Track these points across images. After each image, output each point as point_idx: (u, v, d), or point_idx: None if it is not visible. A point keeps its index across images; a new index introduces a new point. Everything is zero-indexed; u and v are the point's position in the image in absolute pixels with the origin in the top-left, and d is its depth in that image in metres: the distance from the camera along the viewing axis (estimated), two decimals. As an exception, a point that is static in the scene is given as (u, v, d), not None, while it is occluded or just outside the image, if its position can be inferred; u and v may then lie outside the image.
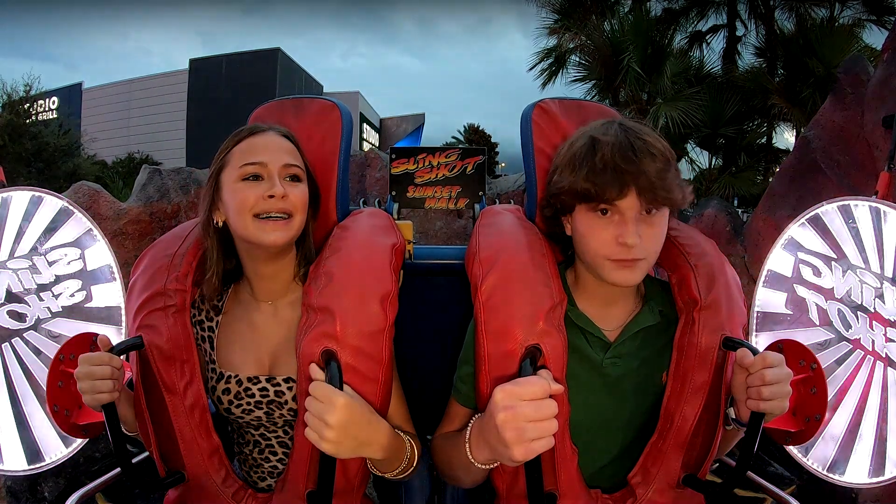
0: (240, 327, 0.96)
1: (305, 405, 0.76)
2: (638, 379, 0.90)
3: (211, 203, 0.91)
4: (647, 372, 0.90)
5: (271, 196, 0.85)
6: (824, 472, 1.28)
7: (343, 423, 0.74)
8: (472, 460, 0.77)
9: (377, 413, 0.82)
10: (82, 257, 1.36)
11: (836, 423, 1.28)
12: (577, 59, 8.80)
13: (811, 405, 1.00)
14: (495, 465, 0.80)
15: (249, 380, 0.92)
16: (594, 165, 0.80)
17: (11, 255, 1.33)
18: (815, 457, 1.29)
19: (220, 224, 0.91)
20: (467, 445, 0.78)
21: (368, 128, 31.79)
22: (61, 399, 0.97)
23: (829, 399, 0.93)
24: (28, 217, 1.34)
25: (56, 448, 1.29)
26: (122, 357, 0.86)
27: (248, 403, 0.92)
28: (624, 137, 0.81)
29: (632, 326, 0.90)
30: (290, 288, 0.96)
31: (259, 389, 0.91)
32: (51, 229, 1.35)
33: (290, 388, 0.91)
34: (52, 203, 1.36)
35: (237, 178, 0.87)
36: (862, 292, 1.31)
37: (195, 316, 0.96)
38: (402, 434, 0.88)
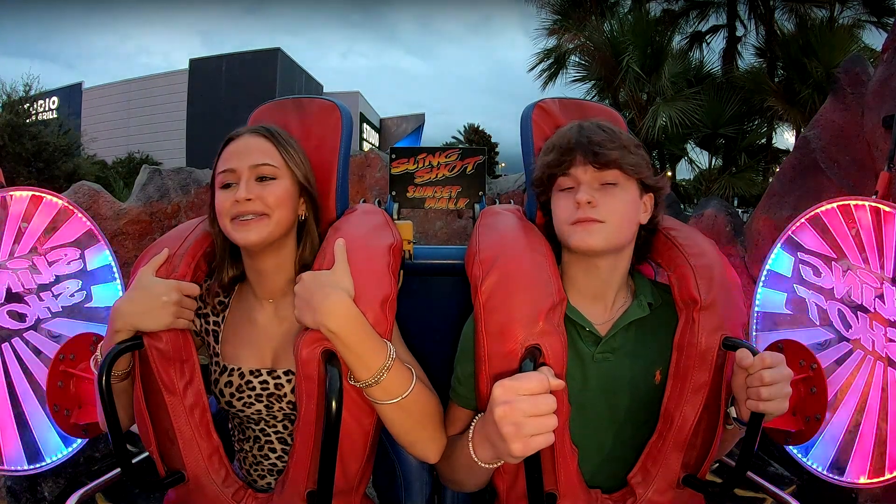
0: (242, 324, 0.97)
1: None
2: (630, 375, 0.90)
3: (211, 209, 0.95)
4: (639, 369, 0.90)
5: (238, 201, 0.89)
6: (824, 472, 1.28)
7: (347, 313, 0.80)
8: (476, 459, 0.77)
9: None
10: (82, 257, 1.37)
11: (836, 423, 1.28)
12: (577, 60, 8.80)
13: (811, 405, 1.00)
14: (499, 464, 0.80)
15: (251, 372, 0.93)
16: (555, 146, 0.92)
17: (11, 255, 1.33)
18: (815, 457, 1.30)
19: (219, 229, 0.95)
20: (470, 444, 0.78)
21: (368, 128, 31.78)
22: (61, 399, 0.97)
23: (829, 399, 0.93)
24: (28, 217, 1.34)
25: (56, 448, 1.29)
26: (125, 353, 0.86)
27: (249, 396, 0.93)
28: (580, 124, 0.92)
29: (622, 320, 0.91)
30: (291, 288, 0.96)
31: (260, 382, 0.93)
32: (51, 229, 1.35)
33: (289, 381, 0.92)
34: (52, 203, 1.36)
35: (217, 185, 0.92)
36: (862, 292, 1.31)
37: (201, 308, 0.98)
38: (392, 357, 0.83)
